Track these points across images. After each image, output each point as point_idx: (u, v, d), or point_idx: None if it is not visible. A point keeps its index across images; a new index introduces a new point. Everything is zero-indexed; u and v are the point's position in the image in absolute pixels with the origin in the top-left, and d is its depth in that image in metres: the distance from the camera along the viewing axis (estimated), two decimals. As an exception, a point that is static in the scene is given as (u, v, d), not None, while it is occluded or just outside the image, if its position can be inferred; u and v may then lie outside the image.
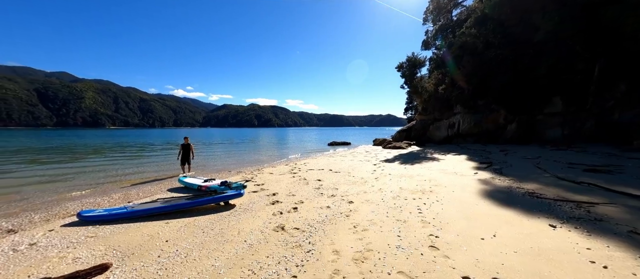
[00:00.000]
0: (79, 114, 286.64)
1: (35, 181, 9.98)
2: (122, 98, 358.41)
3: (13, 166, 13.74)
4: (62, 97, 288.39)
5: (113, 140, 37.80)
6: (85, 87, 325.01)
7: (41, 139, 38.94)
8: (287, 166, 12.39)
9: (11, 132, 79.97)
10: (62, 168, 12.99)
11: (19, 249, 4.03)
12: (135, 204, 5.94)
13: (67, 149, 23.09)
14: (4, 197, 7.63)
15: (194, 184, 7.89)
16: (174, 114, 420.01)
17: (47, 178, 10.43)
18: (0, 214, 6.18)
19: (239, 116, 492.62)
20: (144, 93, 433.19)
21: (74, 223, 5.20)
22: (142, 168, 12.92)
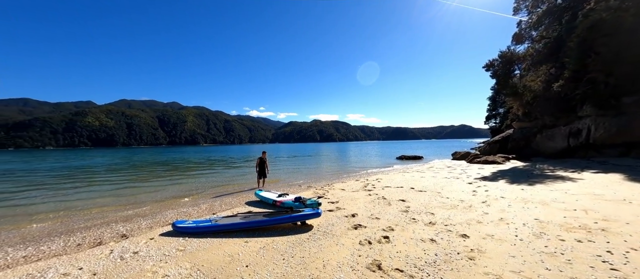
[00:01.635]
0: (183, 134, 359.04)
1: (151, 189, 11.99)
2: (211, 120, 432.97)
3: (146, 174, 17.30)
4: (173, 122, 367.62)
5: (205, 155, 44.90)
6: (187, 113, 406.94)
7: (161, 154, 49.80)
8: (358, 182, 11.41)
9: (142, 149, 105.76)
10: (170, 178, 15.52)
11: (125, 257, 4.29)
12: (219, 217, 6.00)
13: (177, 162, 28.27)
14: (131, 203, 9.19)
15: (269, 199, 7.78)
16: (249, 132, 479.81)
17: (158, 187, 12.44)
18: (122, 217, 7.28)
19: (303, 132, 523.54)
20: (227, 115, 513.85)
21: (169, 233, 5.51)
22: (225, 180, 14.17)
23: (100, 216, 7.46)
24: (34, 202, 9.52)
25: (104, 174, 18.55)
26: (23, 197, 10.50)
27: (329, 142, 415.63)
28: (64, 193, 11.36)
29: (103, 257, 4.37)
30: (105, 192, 11.32)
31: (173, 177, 15.99)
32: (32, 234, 6.10)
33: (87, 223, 6.88)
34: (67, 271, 3.87)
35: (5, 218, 7.65)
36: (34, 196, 10.84)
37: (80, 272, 3.83)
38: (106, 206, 8.84)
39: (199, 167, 22.97)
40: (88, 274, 3.73)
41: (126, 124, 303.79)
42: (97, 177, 17.22)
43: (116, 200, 9.71)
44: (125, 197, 10.11)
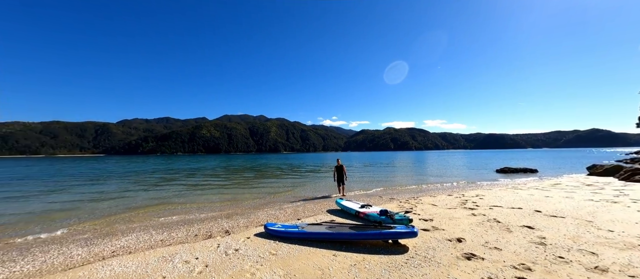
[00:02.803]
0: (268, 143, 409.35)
1: (245, 190, 13.70)
2: (290, 130, 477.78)
3: (240, 178, 20.29)
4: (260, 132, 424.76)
5: (286, 162, 49.42)
6: (271, 125, 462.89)
7: (251, 160, 58.28)
8: (452, 198, 9.66)
9: (238, 156, 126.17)
10: (259, 181, 17.51)
11: (229, 254, 4.70)
12: (304, 224, 6.00)
13: (264, 167, 32.13)
14: (231, 201, 10.65)
15: (351, 209, 7.39)
16: (322, 141, 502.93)
17: (251, 189, 14.11)
18: (225, 214, 8.37)
19: (375, 140, 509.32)
20: (303, 125, 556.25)
21: (262, 234, 5.84)
22: (305, 186, 14.78)
23: (209, 211, 8.83)
24: (167, 195, 12.32)
25: (212, 176, 22.66)
26: (162, 190, 13.81)
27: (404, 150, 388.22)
28: (186, 188, 14.32)
29: (213, 250, 4.93)
30: (214, 191, 13.59)
31: (261, 181, 17.93)
32: (168, 222, 7.68)
33: (201, 216, 8.23)
34: (188, 259, 4.50)
35: (153, 205, 10.06)
36: (168, 188, 14.13)
37: (197, 262, 4.37)
38: (213, 202, 10.49)
39: (282, 172, 25.15)
40: (202, 265, 4.20)
41: (227, 135, 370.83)
42: (208, 177, 21.17)
43: (221, 197, 11.44)
44: (227, 196, 11.80)
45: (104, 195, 12.65)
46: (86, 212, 9.01)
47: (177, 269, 4.08)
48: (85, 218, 8.17)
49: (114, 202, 10.83)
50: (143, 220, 7.83)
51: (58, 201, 11.18)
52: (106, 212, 8.97)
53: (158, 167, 34.50)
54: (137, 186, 15.97)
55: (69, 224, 7.49)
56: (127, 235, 6.36)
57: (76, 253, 5.20)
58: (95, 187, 16.05)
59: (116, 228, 7.02)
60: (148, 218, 8.11)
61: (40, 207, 9.99)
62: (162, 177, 21.89)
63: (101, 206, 9.96)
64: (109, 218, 8.14)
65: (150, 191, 13.89)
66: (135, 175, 23.89)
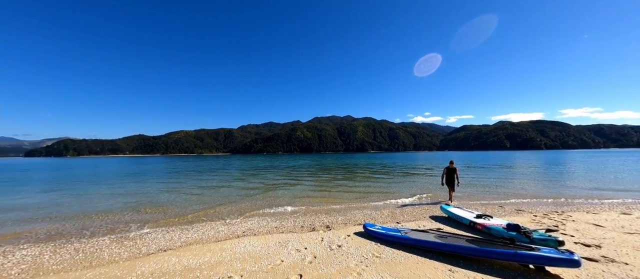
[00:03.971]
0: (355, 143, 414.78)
1: (339, 188, 14.28)
2: (377, 129, 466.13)
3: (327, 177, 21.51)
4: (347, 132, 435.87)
5: (376, 161, 48.49)
6: (357, 124, 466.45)
7: (339, 159, 60.82)
8: (632, 217, 6.66)
9: (327, 155, 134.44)
10: (351, 180, 17.90)
11: (332, 248, 4.92)
12: (407, 229, 5.56)
13: (353, 166, 32.81)
14: (327, 198, 11.33)
15: (463, 219, 6.31)
16: (413, 139, 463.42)
17: (344, 187, 14.58)
18: (324, 210, 8.93)
19: (482, 137, 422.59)
20: (391, 123, 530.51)
21: (361, 234, 5.82)
22: (399, 188, 13.91)
23: (309, 205, 9.65)
24: (274, 187, 14.38)
25: (307, 173, 24.91)
26: (270, 182, 16.28)
27: (527, 150, 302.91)
28: (287, 183, 16.31)
29: (318, 242, 5.30)
30: (310, 187, 14.85)
31: (353, 179, 18.21)
32: (279, 212, 8.90)
33: (303, 209, 9.10)
34: (299, 248, 5.00)
35: (266, 197, 11.97)
36: (275, 181, 16.52)
37: (306, 252, 4.80)
38: (310, 197, 11.41)
39: (372, 172, 24.78)
40: (311, 256, 4.57)
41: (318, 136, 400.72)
42: (304, 174, 23.41)
43: (317, 193, 12.35)
44: (322, 193, 12.60)
45: (233, 185, 16.14)
46: (226, 197, 11.70)
47: (292, 256, 4.59)
48: (226, 202, 10.60)
49: (240, 191, 13.59)
50: (260, 208, 9.40)
51: (207, 187, 15.11)
52: (237, 198, 11.35)
53: (265, 164, 41.22)
54: (254, 180, 19.50)
55: (215, 206, 9.90)
56: (251, 219, 7.78)
57: (221, 230, 6.76)
58: (229, 179, 20.71)
59: (244, 212, 8.72)
60: (263, 206, 9.68)
61: (197, 190, 13.79)
62: (269, 172, 25.88)
63: (236, 193, 12.71)
64: (239, 204, 10.22)
65: (261, 183, 16.67)
66: (254, 170, 29.35)
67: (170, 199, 11.58)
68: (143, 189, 15.11)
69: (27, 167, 47.06)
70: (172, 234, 6.45)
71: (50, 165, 54.34)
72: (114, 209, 9.49)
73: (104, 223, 7.66)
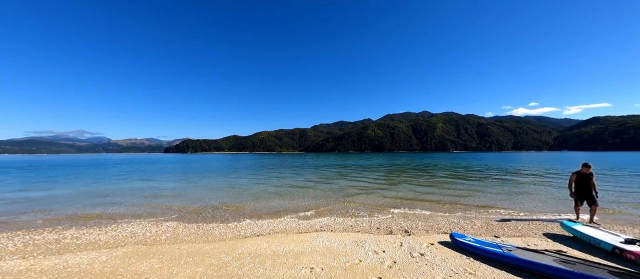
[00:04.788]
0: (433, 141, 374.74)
1: (416, 190, 13.21)
2: (462, 125, 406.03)
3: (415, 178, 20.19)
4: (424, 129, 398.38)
5: (460, 162, 42.42)
6: (436, 120, 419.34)
7: (416, 159, 56.20)
8: None
9: (401, 154, 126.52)
10: (431, 181, 16.26)
11: (414, 256, 4.56)
12: (511, 246, 4.61)
13: (433, 168, 29.78)
14: (401, 199, 10.68)
15: (603, 242, 4.72)
16: (512, 136, 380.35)
17: (422, 188, 13.39)
18: (400, 214, 8.43)
19: (626, 133, 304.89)
20: (481, 118, 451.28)
21: (448, 244, 5.18)
22: (494, 194, 11.69)
23: (385, 206, 9.28)
24: (351, 192, 14.50)
25: (379, 172, 24.06)
26: (344, 181, 16.54)
27: None
28: (360, 182, 16.17)
29: (397, 247, 5.03)
30: (383, 187, 14.28)
31: (432, 181, 16.46)
32: (352, 213, 8.96)
33: (378, 209, 8.84)
34: (376, 250, 4.88)
35: (341, 195, 12.24)
36: (348, 179, 16.69)
37: (384, 255, 4.63)
38: (385, 198, 10.94)
39: (456, 174, 21.77)
40: (390, 260, 4.37)
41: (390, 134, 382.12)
42: (376, 174, 22.72)
43: (393, 194, 11.75)
44: (397, 194, 11.90)
45: (309, 181, 17.28)
46: (303, 193, 12.65)
47: (369, 257, 4.52)
48: (303, 197, 11.45)
49: (315, 188, 14.39)
50: (335, 206, 9.67)
51: (286, 183, 16.71)
52: (313, 194, 12.08)
53: (337, 163, 42.26)
54: (327, 178, 20.31)
55: (294, 200, 10.83)
56: (327, 216, 8.11)
57: (301, 223, 7.33)
58: (305, 176, 22.32)
59: (320, 209, 9.19)
60: (338, 204, 9.92)
61: (279, 185, 15.44)
62: (341, 170, 26.37)
63: (312, 190, 13.60)
64: (315, 201, 10.83)
65: (334, 182, 17.14)
66: (327, 168, 30.69)
67: (259, 191, 13.37)
68: (240, 182, 18.02)
69: (167, 160, 63.64)
70: (262, 222, 7.42)
71: (178, 159, 71.93)
72: (220, 197, 11.69)
73: (214, 208, 9.53)
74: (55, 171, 27.55)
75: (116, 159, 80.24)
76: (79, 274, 3.99)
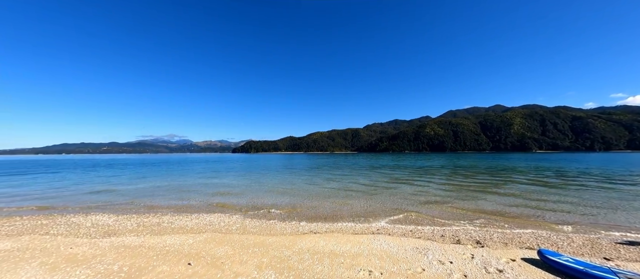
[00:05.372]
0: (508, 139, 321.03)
1: (489, 196, 11.53)
2: (549, 120, 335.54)
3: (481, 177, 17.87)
4: (496, 126, 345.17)
5: (546, 165, 35.06)
6: (513, 115, 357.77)
7: (486, 160, 49.06)
8: None
9: (466, 155, 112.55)
10: (504, 188, 13.94)
11: (490, 271, 3.98)
12: (631, 273, 3.57)
13: (506, 171, 25.51)
14: (477, 207, 9.47)
15: None
16: (627, 132, 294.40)
17: (495, 195, 11.59)
18: (468, 219, 7.48)
19: None
20: (577, 110, 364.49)
21: (534, 261, 4.35)
22: (601, 207, 9.24)
23: (447, 212, 8.37)
24: (408, 194, 13.64)
25: (441, 175, 21.85)
26: (404, 184, 15.62)
27: None
28: (420, 185, 14.99)
29: (467, 259, 4.48)
30: (446, 190, 12.90)
31: (507, 187, 14.04)
32: (411, 217, 8.40)
33: (439, 215, 8.04)
34: (441, 260, 4.45)
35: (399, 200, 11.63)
36: (409, 182, 15.70)
37: (452, 266, 4.18)
38: (450, 204, 9.85)
39: (542, 179, 18.07)
40: (459, 273, 3.92)
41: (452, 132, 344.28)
42: (437, 176, 20.72)
43: (456, 199, 10.49)
44: (462, 199, 10.56)
45: (362, 182, 16.97)
46: (359, 193, 12.52)
47: (434, 267, 4.15)
48: (360, 197, 11.33)
49: (370, 189, 14.04)
50: (391, 208, 9.23)
51: (339, 184, 16.79)
52: (367, 195, 11.81)
53: (392, 163, 40.28)
54: (382, 179, 19.59)
55: (348, 200, 10.79)
56: (383, 218, 7.80)
57: (357, 224, 7.26)
58: (359, 176, 22.05)
59: (376, 210, 8.92)
60: (394, 207, 9.44)
61: (333, 185, 15.63)
62: (396, 171, 25.01)
63: (365, 190, 13.36)
64: (369, 201, 10.57)
65: (389, 183, 16.35)
66: (381, 169, 29.68)
67: (314, 190, 13.83)
68: (296, 181, 19.01)
69: (235, 160, 71.97)
70: (318, 220, 7.65)
71: (244, 159, 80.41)
72: (279, 195, 12.55)
73: (273, 204, 10.28)
74: (157, 167, 34.32)
75: (196, 158, 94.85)
76: (174, 253, 4.85)
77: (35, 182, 18.32)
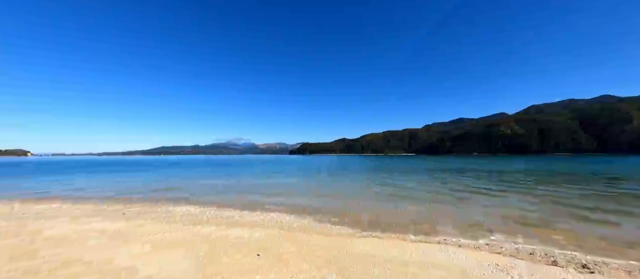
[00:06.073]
0: (623, 138, 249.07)
1: (594, 214, 9.14)
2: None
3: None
4: (603, 122, 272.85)
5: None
6: (629, 107, 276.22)
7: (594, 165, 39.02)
8: None
9: (558, 158, 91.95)
10: (628, 202, 10.77)
11: (608, 306, 3.12)
12: None
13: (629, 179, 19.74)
14: (561, 219, 7.67)
15: None
16: None
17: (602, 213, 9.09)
18: (569, 237, 6.06)
19: None
20: None
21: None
22: None
23: (533, 226, 6.95)
24: (479, 202, 11.96)
25: (525, 182, 18.33)
26: (475, 192, 13.79)
27: None
28: (500, 191, 12.91)
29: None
30: (535, 200, 10.74)
31: (628, 201, 10.76)
32: (485, 229, 7.32)
33: (516, 225, 6.73)
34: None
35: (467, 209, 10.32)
36: (483, 189, 13.78)
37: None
38: (538, 212, 8.16)
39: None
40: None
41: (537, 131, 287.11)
42: (519, 183, 17.45)
43: (547, 208, 8.61)
44: (557, 212, 8.59)
45: (424, 187, 15.69)
46: (417, 198, 11.66)
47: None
48: (418, 202, 10.54)
49: (433, 194, 12.87)
50: (458, 217, 8.23)
51: (399, 189, 15.91)
52: (429, 200, 10.86)
53: (457, 167, 35.97)
54: (445, 184, 17.71)
55: (407, 204, 10.12)
56: (449, 228, 7.01)
57: (418, 230, 6.74)
58: (421, 179, 20.53)
59: (439, 218, 8.11)
60: (461, 215, 8.39)
61: (391, 188, 14.91)
62: (464, 177, 22.19)
63: (427, 196, 12.34)
64: (431, 206, 9.69)
65: (455, 189, 14.59)
66: (443, 173, 26.98)
67: (372, 193, 13.49)
68: (351, 182, 18.93)
69: (293, 161, 76.48)
70: (377, 224, 7.41)
71: (300, 160, 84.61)
72: (335, 196, 12.69)
73: (330, 205, 10.43)
74: (229, 167, 39.28)
75: (259, 159, 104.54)
76: (245, 244, 5.41)
77: (144, 176, 23.26)
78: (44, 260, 4.47)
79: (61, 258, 4.60)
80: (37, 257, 4.63)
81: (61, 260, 4.47)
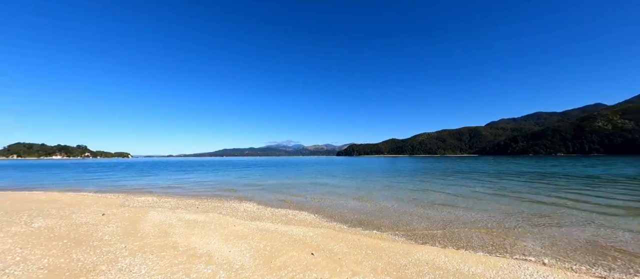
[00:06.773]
0: None
1: None
2: None
3: None
4: None
5: None
6: None
7: None
8: None
9: (691, 159, 68.94)
10: None
11: None
12: None
13: None
14: None
15: None
16: None
17: None
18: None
19: None
20: None
21: None
22: None
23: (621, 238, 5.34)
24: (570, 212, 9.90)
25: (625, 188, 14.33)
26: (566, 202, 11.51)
27: None
28: (606, 202, 10.46)
29: None
30: None
31: None
32: (579, 240, 6.03)
33: (628, 246, 5.25)
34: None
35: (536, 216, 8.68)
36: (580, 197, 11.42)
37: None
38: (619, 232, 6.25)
39: None
40: None
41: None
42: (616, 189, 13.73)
43: None
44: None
45: (501, 192, 13.80)
46: (486, 204, 10.34)
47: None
48: (487, 209, 9.34)
49: (514, 202, 11.22)
50: (535, 228, 6.96)
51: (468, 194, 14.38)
52: (504, 208, 9.50)
53: (535, 169, 30.36)
54: (524, 188, 15.23)
55: (477, 211, 9.05)
56: (528, 242, 5.99)
57: (487, 242, 5.97)
58: (491, 184, 18.22)
59: (515, 231, 7.01)
60: (542, 226, 7.07)
61: (452, 194, 13.58)
62: (552, 183, 18.62)
63: (507, 203, 10.84)
64: (504, 215, 8.45)
65: (542, 195, 12.36)
66: (518, 177, 23.29)
67: (426, 197, 12.56)
68: (403, 185, 17.97)
69: (340, 162, 76.85)
70: (434, 231, 6.86)
71: (347, 161, 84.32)
72: (388, 198, 12.23)
73: (382, 208, 10.10)
74: (282, 167, 41.85)
75: (308, 160, 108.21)
76: (299, 242, 5.66)
77: (213, 175, 26.57)
78: (144, 241, 5.52)
79: (156, 240, 5.60)
80: (138, 236, 5.75)
81: (156, 241, 5.45)
